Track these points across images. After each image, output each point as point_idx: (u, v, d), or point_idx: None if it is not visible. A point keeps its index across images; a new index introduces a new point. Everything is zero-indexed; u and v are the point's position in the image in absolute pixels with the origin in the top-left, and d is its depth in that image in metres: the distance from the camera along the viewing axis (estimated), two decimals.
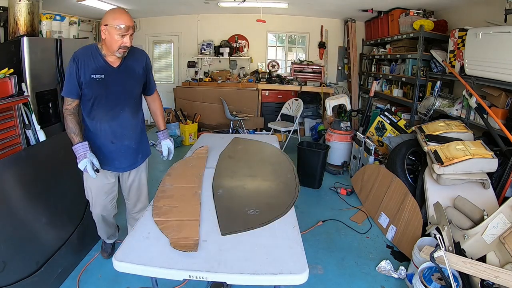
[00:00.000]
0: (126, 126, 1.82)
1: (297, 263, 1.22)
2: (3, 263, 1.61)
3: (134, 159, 1.94)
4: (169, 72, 6.51)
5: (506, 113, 2.66)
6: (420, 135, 2.90)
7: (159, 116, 2.07)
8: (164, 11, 5.70)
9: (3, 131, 1.94)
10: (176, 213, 1.55)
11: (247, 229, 1.44)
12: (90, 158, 1.66)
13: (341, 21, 5.93)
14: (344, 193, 3.39)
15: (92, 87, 1.69)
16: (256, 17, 5.48)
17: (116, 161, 1.87)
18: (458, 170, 2.32)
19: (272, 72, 6.01)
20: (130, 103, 1.82)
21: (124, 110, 1.80)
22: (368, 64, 5.61)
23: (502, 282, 1.63)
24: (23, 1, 2.79)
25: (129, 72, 1.77)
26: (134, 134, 1.88)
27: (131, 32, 1.67)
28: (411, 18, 4.08)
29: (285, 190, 1.85)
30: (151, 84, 1.97)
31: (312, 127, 5.64)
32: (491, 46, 2.66)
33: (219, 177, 2.02)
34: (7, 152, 1.92)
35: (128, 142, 1.86)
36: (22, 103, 2.08)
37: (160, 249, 1.29)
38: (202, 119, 5.46)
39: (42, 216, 1.94)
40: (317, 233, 2.67)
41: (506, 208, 1.94)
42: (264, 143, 2.82)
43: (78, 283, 2.00)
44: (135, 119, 1.87)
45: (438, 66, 3.62)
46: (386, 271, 2.17)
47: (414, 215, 2.41)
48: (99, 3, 4.36)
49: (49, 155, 2.11)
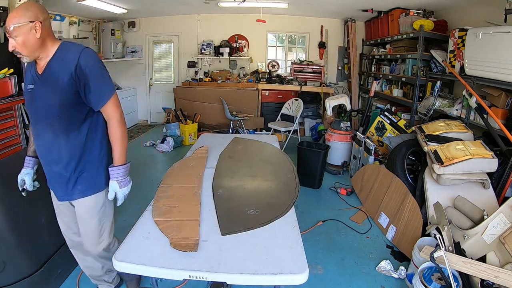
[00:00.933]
0: (51, 148, 1.41)
1: (297, 263, 1.22)
2: (3, 263, 1.61)
3: (66, 190, 1.48)
4: (169, 72, 6.52)
5: (506, 113, 2.66)
6: (420, 135, 2.90)
7: (113, 143, 1.44)
8: (164, 11, 5.70)
9: (3, 131, 1.94)
10: (176, 213, 1.55)
11: (247, 229, 1.44)
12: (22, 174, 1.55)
13: (341, 21, 5.93)
14: (344, 193, 3.39)
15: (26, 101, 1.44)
16: (256, 17, 5.48)
17: (52, 187, 1.56)
18: (458, 170, 2.32)
19: (272, 72, 6.01)
20: (53, 121, 1.36)
21: (46, 129, 1.39)
22: (368, 64, 5.61)
23: (502, 282, 1.63)
24: (23, 1, 2.80)
25: (49, 81, 1.34)
26: (65, 160, 1.42)
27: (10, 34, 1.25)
28: (411, 18, 4.08)
29: (285, 190, 1.85)
30: (91, 95, 1.35)
31: (312, 127, 5.64)
32: (491, 46, 2.66)
33: (219, 177, 2.02)
34: (7, 152, 1.91)
35: (58, 168, 1.43)
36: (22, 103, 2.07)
37: (160, 249, 1.29)
38: (202, 119, 5.46)
39: (42, 216, 1.94)
40: (317, 233, 2.67)
41: (506, 208, 1.94)
42: (264, 143, 2.82)
43: (78, 283, 2.00)
44: (65, 140, 1.39)
45: (438, 66, 3.62)
46: (386, 271, 2.17)
47: (414, 215, 2.41)
48: (99, 3, 4.35)
49: None
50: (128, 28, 6.07)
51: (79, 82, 1.33)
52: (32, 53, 1.31)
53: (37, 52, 1.32)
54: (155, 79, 6.51)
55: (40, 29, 1.28)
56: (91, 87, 1.34)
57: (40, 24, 1.27)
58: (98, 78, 1.36)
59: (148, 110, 6.65)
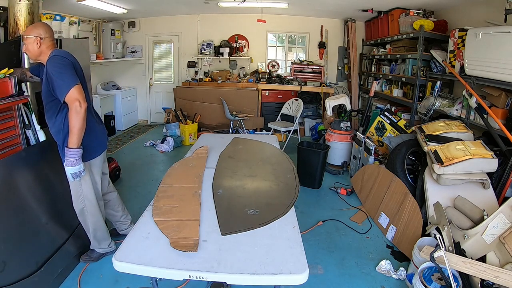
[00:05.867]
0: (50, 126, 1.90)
1: (297, 263, 1.22)
2: (3, 263, 1.61)
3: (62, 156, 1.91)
4: (169, 72, 6.52)
5: (506, 113, 2.66)
6: (420, 135, 2.90)
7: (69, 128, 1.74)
8: (164, 11, 5.70)
9: (3, 131, 1.93)
10: (176, 213, 1.55)
11: (247, 229, 1.44)
12: None
13: (341, 21, 5.93)
14: (344, 193, 3.39)
15: None
16: (256, 17, 5.49)
17: None
18: (458, 170, 2.32)
19: (272, 72, 6.01)
20: (45, 107, 1.89)
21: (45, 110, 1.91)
22: (368, 64, 5.62)
23: (502, 282, 1.63)
24: (23, 1, 2.79)
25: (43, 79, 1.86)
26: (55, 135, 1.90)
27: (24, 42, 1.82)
28: (411, 18, 4.08)
29: (285, 190, 1.85)
30: (55, 91, 1.75)
31: (312, 127, 5.64)
32: (491, 46, 2.66)
33: (219, 177, 2.02)
34: (7, 152, 1.91)
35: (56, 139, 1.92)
36: (22, 103, 2.07)
37: (160, 249, 1.29)
38: (202, 119, 5.46)
39: (42, 216, 1.94)
40: (317, 233, 2.67)
41: (506, 208, 1.94)
42: (264, 143, 2.82)
43: (79, 283, 2.00)
44: (51, 122, 1.88)
45: (438, 66, 3.62)
46: (386, 271, 2.17)
47: (414, 215, 2.41)
48: (99, 3, 4.36)
49: (49, 155, 2.11)
50: (128, 28, 6.07)
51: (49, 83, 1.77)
52: (33, 57, 1.86)
53: (37, 57, 1.86)
54: (155, 79, 6.51)
55: (39, 43, 1.82)
56: (54, 84, 1.74)
57: (41, 40, 1.82)
58: (57, 77, 1.73)
59: (148, 110, 6.65)
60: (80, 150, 1.76)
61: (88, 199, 2.03)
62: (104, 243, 2.21)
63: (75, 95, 1.71)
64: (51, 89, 1.76)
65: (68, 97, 1.71)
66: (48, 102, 1.84)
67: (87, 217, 2.08)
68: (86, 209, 2.05)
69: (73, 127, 1.71)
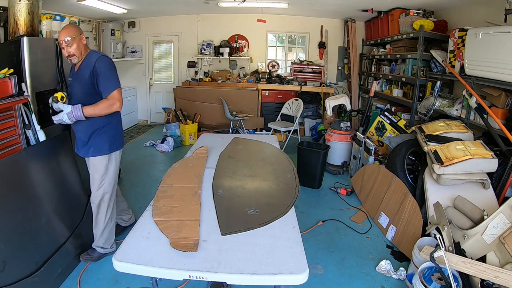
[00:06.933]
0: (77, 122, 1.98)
1: (297, 263, 1.22)
2: (3, 263, 1.61)
3: (83, 149, 2.08)
4: (169, 72, 6.52)
5: (506, 113, 2.66)
6: (420, 135, 2.90)
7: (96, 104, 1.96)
8: (164, 11, 5.70)
9: (3, 131, 1.94)
10: (176, 213, 1.55)
11: (247, 229, 1.44)
12: None
13: (341, 21, 5.93)
14: (344, 193, 3.39)
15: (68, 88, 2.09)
16: (256, 17, 5.48)
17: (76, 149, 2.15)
18: (458, 170, 2.32)
19: (272, 72, 6.01)
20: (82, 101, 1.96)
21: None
22: (368, 64, 5.61)
23: (502, 282, 1.63)
24: (23, 1, 2.79)
25: (78, 77, 1.98)
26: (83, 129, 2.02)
27: (67, 44, 1.90)
28: (411, 18, 4.08)
29: (285, 190, 1.85)
30: (100, 89, 1.95)
31: (312, 127, 5.64)
32: (491, 46, 2.66)
33: (219, 177, 2.02)
34: (7, 152, 1.92)
35: (80, 134, 2.06)
36: (22, 103, 2.07)
37: (160, 249, 1.29)
38: (202, 119, 5.46)
39: (42, 216, 1.94)
40: (317, 233, 2.67)
41: (506, 208, 1.94)
42: (264, 143, 2.82)
43: (79, 283, 2.00)
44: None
45: (438, 66, 3.62)
46: (386, 271, 2.16)
47: (414, 215, 2.41)
48: (99, 3, 4.35)
49: (49, 155, 2.11)
50: (128, 28, 6.07)
51: (94, 79, 1.93)
52: (81, 55, 1.97)
53: (84, 54, 1.98)
54: (155, 79, 6.51)
55: (84, 39, 1.98)
56: (102, 79, 1.93)
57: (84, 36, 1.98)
58: (109, 74, 1.95)
59: (148, 110, 6.65)
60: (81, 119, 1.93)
61: (107, 191, 2.12)
62: (108, 242, 2.22)
63: (118, 96, 1.96)
64: (96, 85, 1.93)
65: (112, 95, 1.94)
66: (86, 97, 1.96)
67: (103, 210, 2.13)
68: (103, 200, 2.12)
69: (97, 109, 1.92)
